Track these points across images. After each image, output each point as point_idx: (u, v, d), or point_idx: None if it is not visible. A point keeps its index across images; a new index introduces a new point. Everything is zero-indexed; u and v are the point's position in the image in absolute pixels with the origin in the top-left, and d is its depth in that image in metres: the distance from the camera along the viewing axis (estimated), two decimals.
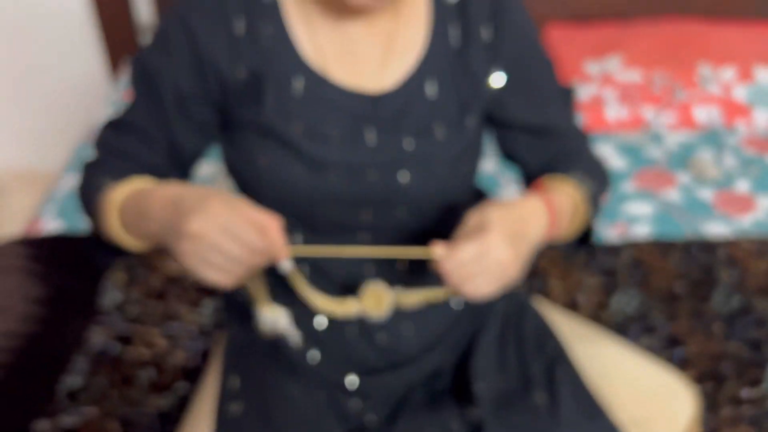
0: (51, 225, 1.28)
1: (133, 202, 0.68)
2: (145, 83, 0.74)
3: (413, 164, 0.75)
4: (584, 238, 0.83)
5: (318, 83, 0.73)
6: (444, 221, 0.83)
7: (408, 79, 0.75)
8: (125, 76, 1.79)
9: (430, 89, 0.76)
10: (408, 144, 0.75)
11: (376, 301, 0.72)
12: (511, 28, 0.77)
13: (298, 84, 0.73)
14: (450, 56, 0.77)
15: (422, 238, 0.83)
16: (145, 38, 1.92)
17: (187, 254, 0.59)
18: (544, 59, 0.83)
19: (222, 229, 0.58)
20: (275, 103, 0.73)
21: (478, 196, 0.97)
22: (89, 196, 0.73)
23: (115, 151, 0.75)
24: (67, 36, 1.92)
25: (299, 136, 0.73)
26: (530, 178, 0.87)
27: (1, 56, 1.97)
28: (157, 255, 1.17)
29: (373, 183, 0.75)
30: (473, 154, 0.81)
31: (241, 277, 0.61)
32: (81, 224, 1.26)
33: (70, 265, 1.15)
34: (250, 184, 0.78)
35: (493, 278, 0.63)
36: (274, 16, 0.73)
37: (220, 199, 0.60)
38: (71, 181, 1.39)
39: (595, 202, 0.82)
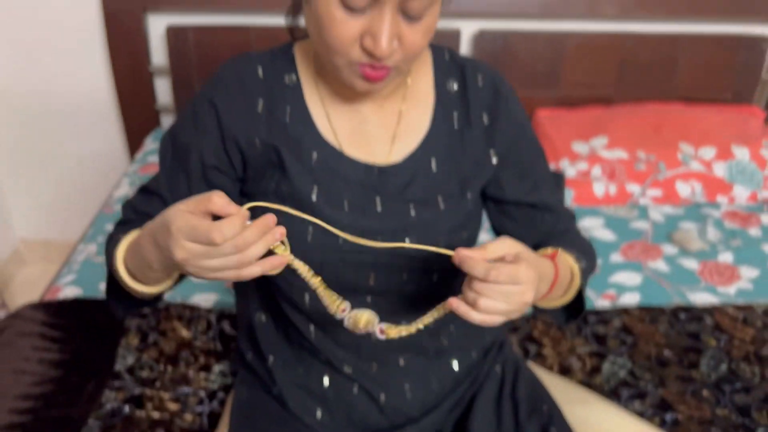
0: (68, 292, 1.33)
1: (133, 251, 0.75)
2: (174, 155, 0.83)
3: (417, 231, 0.83)
4: (578, 311, 0.88)
5: (333, 156, 0.82)
6: (444, 286, 0.90)
7: (413, 155, 0.84)
8: (142, 153, 1.89)
9: (434, 164, 0.84)
10: (412, 212, 0.83)
11: (361, 319, 0.76)
12: (507, 116, 0.86)
13: (315, 156, 0.81)
14: (452, 137, 0.85)
15: (424, 302, 0.89)
16: (164, 119, 2.04)
17: (202, 276, 0.65)
18: (535, 145, 0.92)
19: (193, 242, 0.62)
20: (295, 172, 0.81)
21: None
22: (108, 251, 0.81)
23: (139, 212, 0.83)
24: (91, 115, 2.05)
25: (316, 201, 0.81)
26: None
27: (26, 134, 2.09)
28: (168, 320, 1.23)
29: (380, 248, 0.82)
30: (473, 224, 0.88)
31: (254, 258, 0.63)
32: (97, 292, 1.32)
33: (86, 329, 1.20)
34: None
35: (507, 306, 0.67)
36: (295, 97, 0.82)
37: (175, 219, 0.63)
38: (88, 251, 1.46)
39: (586, 277, 0.88)
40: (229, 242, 0.61)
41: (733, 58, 1.97)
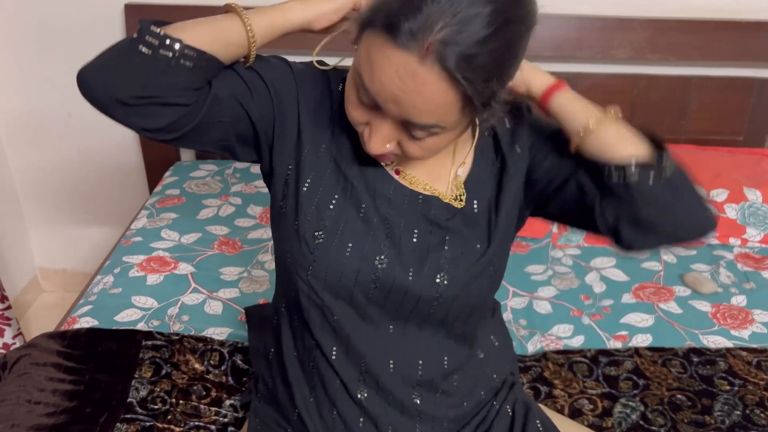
0: (84, 323, 1.34)
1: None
2: (265, 65, 0.81)
3: (450, 267, 0.85)
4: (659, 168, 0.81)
5: (383, 177, 0.85)
6: (468, 320, 0.91)
7: (455, 192, 0.86)
8: (161, 186, 1.92)
9: (475, 205, 0.87)
10: (446, 246, 0.85)
11: None
12: (528, 127, 0.88)
13: (369, 172, 0.84)
14: (492, 172, 0.88)
15: (448, 333, 0.90)
16: (183, 154, 2.07)
17: None
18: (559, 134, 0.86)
19: None
20: (352, 186, 0.84)
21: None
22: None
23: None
24: (112, 150, 2.08)
25: (356, 223, 0.83)
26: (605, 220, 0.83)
27: (51, 168, 2.13)
28: (182, 353, 1.24)
29: (411, 278, 0.84)
30: (498, 261, 0.90)
31: None
32: (112, 323, 1.34)
33: (100, 360, 1.22)
34: (300, 264, 0.84)
35: None
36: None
37: None
38: (105, 282, 1.48)
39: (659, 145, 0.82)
40: None
41: (744, 101, 1.98)
